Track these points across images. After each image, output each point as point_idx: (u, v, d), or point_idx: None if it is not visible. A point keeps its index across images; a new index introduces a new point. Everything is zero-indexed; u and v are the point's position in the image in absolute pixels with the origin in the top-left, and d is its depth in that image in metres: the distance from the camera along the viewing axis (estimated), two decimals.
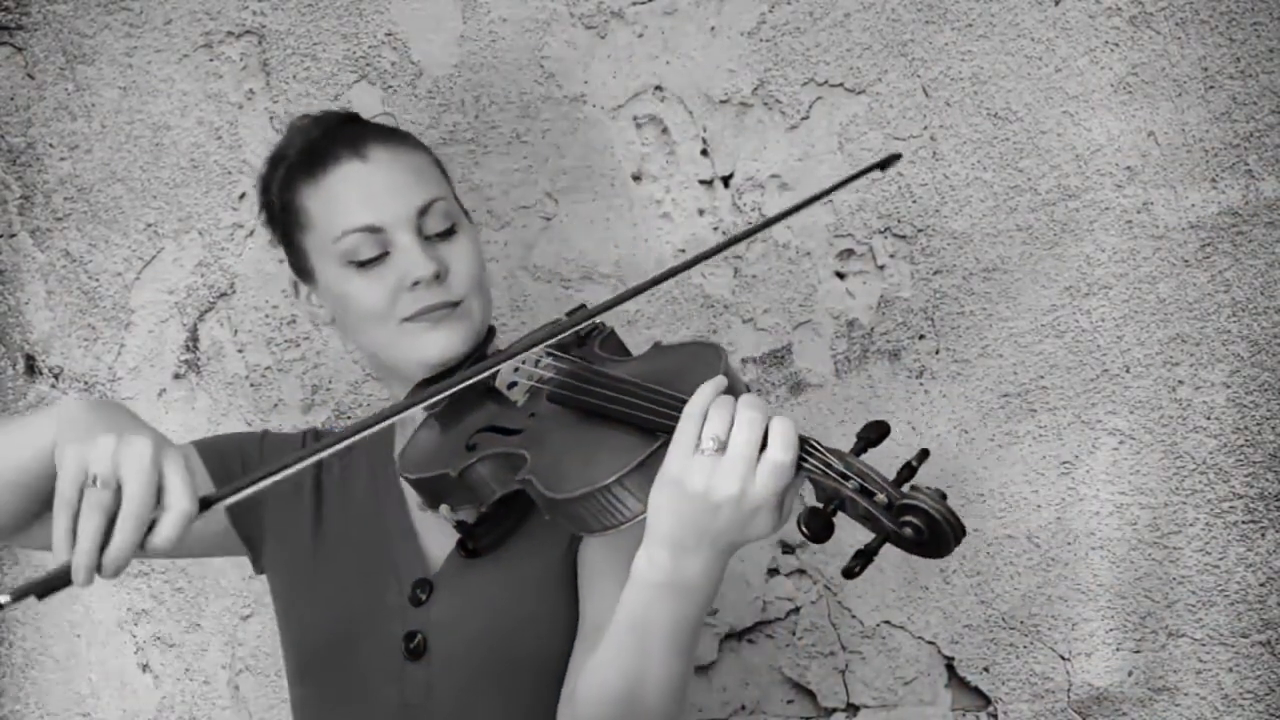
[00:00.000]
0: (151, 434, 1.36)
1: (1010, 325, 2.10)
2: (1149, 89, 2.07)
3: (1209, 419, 2.06)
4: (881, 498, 1.29)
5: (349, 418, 2.23)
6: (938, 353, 2.12)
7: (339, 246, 1.68)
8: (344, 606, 1.70)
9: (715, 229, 2.16)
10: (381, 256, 1.68)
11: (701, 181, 2.17)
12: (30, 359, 2.32)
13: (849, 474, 1.31)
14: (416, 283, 1.66)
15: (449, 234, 1.71)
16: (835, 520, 1.30)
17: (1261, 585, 2.06)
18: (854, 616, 2.13)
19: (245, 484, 1.37)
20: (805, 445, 1.34)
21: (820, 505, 1.31)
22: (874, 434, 1.35)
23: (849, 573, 1.29)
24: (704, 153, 2.17)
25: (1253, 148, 2.05)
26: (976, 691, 2.12)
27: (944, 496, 1.28)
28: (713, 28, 2.16)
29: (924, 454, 1.36)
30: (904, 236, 2.12)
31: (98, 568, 1.30)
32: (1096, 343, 2.09)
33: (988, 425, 2.11)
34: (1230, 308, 2.06)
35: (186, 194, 2.27)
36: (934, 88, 2.12)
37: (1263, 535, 2.05)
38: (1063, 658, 2.09)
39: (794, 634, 2.15)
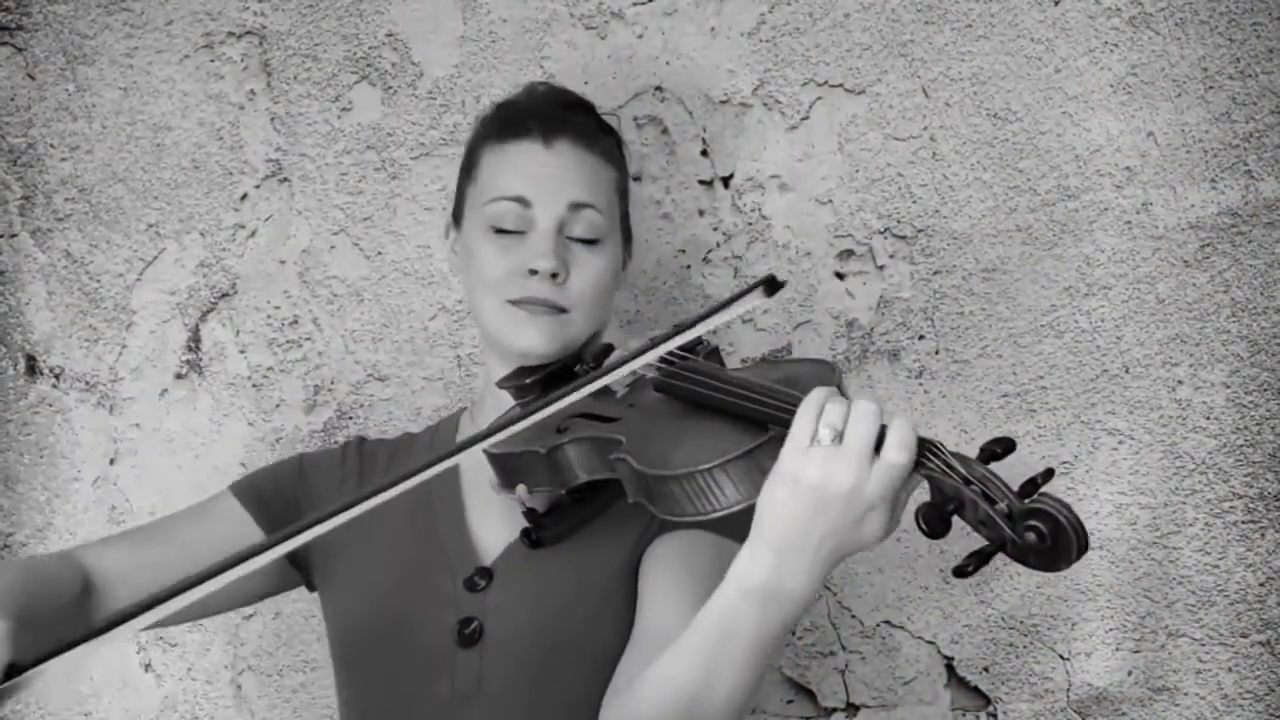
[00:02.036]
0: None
1: (1010, 325, 2.10)
2: (1149, 89, 2.07)
3: (1209, 419, 2.06)
4: (1003, 505, 1.26)
5: (351, 418, 2.23)
6: (938, 353, 2.12)
7: (489, 209, 1.74)
8: (392, 592, 1.69)
9: (715, 229, 2.16)
10: (519, 233, 1.73)
11: (701, 182, 2.17)
12: (31, 359, 2.32)
13: (972, 479, 1.28)
14: (534, 271, 1.70)
15: (591, 244, 1.75)
16: (953, 520, 1.28)
17: (1261, 585, 2.06)
18: (854, 616, 2.13)
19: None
20: (928, 448, 1.31)
21: (938, 502, 1.28)
22: (1000, 447, 1.31)
23: (961, 572, 1.25)
24: (704, 153, 2.17)
25: (1252, 148, 2.05)
26: (976, 691, 2.12)
27: (1069, 505, 1.24)
28: (713, 28, 2.16)
29: (1049, 473, 1.31)
30: (904, 237, 2.12)
31: None
32: (1096, 343, 2.09)
33: (988, 425, 2.11)
34: (1230, 308, 2.06)
35: (188, 194, 2.27)
36: (934, 88, 2.12)
37: (1263, 535, 2.05)
38: (1062, 658, 2.10)
39: (794, 633, 2.15)
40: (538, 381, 1.70)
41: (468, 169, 1.83)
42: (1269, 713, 2.05)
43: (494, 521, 1.71)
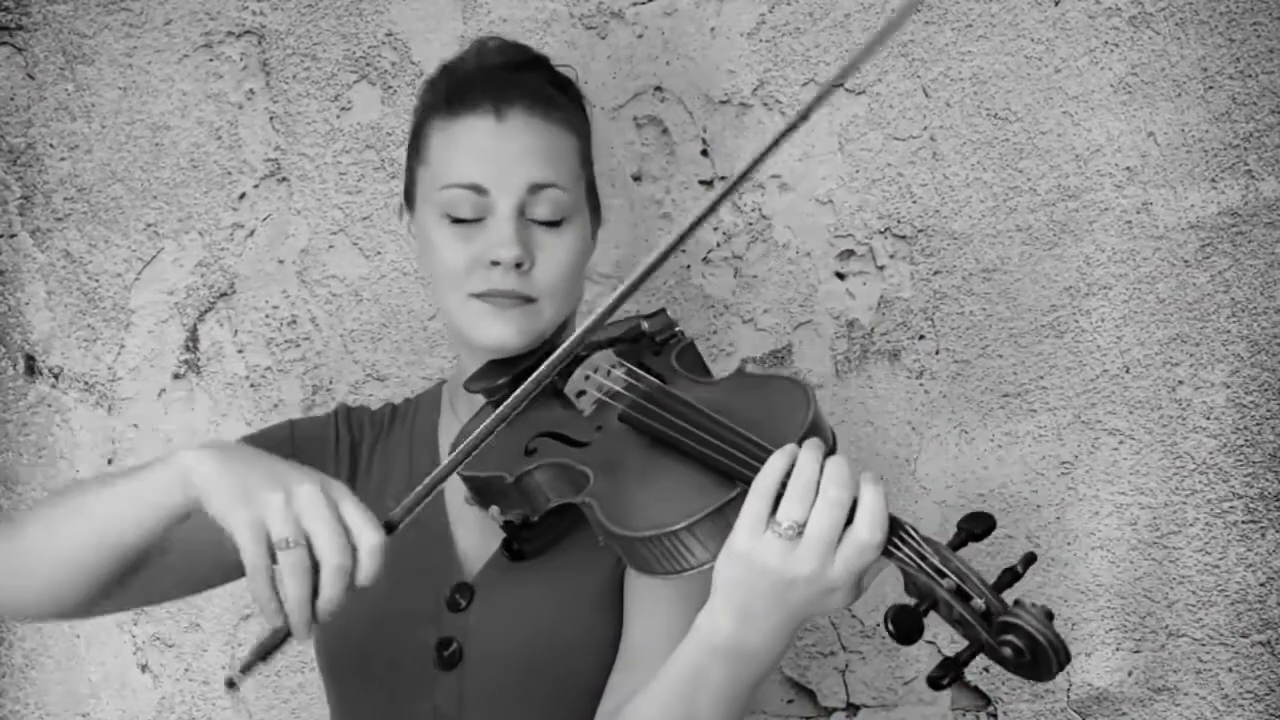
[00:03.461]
0: (307, 474, 1.33)
1: (1010, 325, 2.11)
2: (1149, 89, 2.07)
3: (1209, 419, 2.06)
4: (980, 603, 1.19)
5: None
6: (938, 353, 2.12)
7: (441, 196, 1.61)
8: (373, 607, 1.62)
9: (715, 229, 2.17)
10: (477, 221, 1.61)
11: (701, 182, 2.17)
12: (30, 359, 2.32)
13: (945, 571, 1.20)
14: (496, 262, 1.59)
15: (555, 225, 1.63)
16: (926, 621, 1.20)
17: (1261, 585, 2.06)
18: (854, 616, 2.13)
19: (421, 494, 1.34)
20: (898, 531, 1.24)
21: (912, 603, 1.21)
22: (978, 527, 1.23)
23: (935, 683, 1.20)
24: (704, 153, 2.17)
25: (1253, 148, 2.05)
26: (976, 691, 2.12)
27: (1050, 616, 1.18)
28: (713, 28, 2.16)
29: (1030, 558, 1.24)
30: (904, 237, 2.12)
31: (313, 619, 1.28)
32: (1096, 343, 2.09)
33: (988, 425, 2.11)
34: (1230, 308, 2.06)
35: (186, 194, 2.27)
36: (934, 88, 2.12)
37: (1263, 535, 2.06)
38: None
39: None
40: (508, 381, 1.60)
41: (416, 146, 1.69)
42: (1269, 713, 2.05)
43: (476, 528, 1.65)
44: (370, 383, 2.23)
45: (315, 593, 1.29)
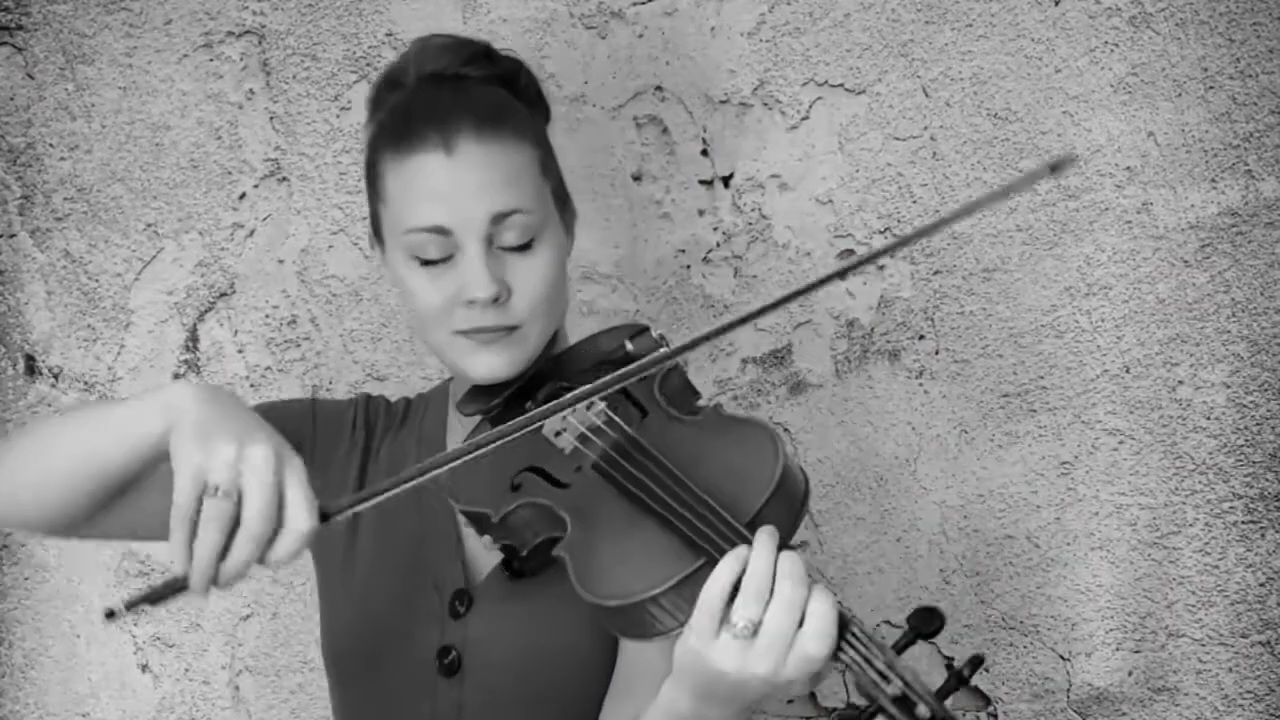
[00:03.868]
0: (272, 441, 1.31)
1: (1010, 325, 2.11)
2: (1149, 89, 2.07)
3: (1209, 419, 2.06)
4: (924, 710, 1.21)
5: None
6: (938, 353, 2.12)
7: (407, 240, 1.57)
8: (378, 609, 1.63)
9: (715, 229, 2.16)
10: (446, 259, 1.57)
11: (701, 182, 2.17)
12: (30, 359, 2.32)
13: (889, 676, 1.23)
14: (473, 301, 1.56)
15: (525, 248, 1.57)
16: None
17: (1261, 585, 2.06)
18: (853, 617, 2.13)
19: (367, 495, 1.33)
20: (846, 632, 1.26)
21: (859, 707, 1.24)
22: (926, 626, 1.26)
23: None
24: (704, 153, 2.17)
25: (1253, 148, 2.05)
26: (976, 691, 2.12)
27: (995, 717, 1.20)
28: (713, 28, 2.16)
29: (977, 661, 1.26)
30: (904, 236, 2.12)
31: (214, 579, 1.27)
32: (1096, 343, 2.09)
33: (988, 425, 2.11)
34: (1230, 308, 2.06)
35: (186, 194, 2.27)
36: (934, 88, 2.12)
37: (1263, 535, 2.06)
38: (1063, 658, 2.10)
39: None
40: (501, 402, 1.60)
41: (372, 181, 1.63)
42: (1269, 713, 2.05)
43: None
44: (370, 383, 2.23)
45: (225, 554, 1.27)
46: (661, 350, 1.47)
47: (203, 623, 2.26)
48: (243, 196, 2.26)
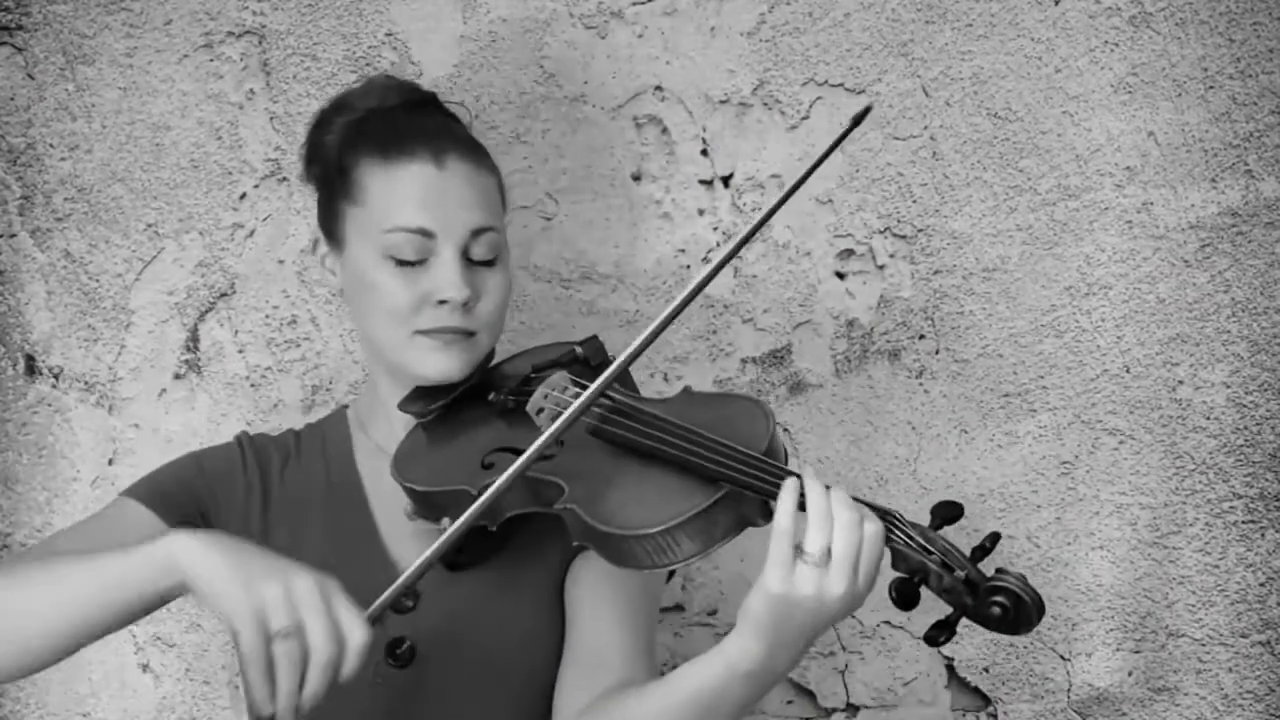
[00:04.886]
0: (302, 570, 1.36)
1: (1010, 325, 2.10)
2: (1149, 89, 2.07)
3: (1209, 419, 2.06)
4: (961, 573, 1.36)
5: None
6: (938, 353, 2.12)
7: (386, 239, 1.68)
8: None
9: (715, 229, 2.16)
10: (421, 262, 1.68)
11: (701, 181, 2.17)
12: (30, 359, 2.32)
13: (931, 549, 1.38)
14: (443, 301, 1.67)
15: (490, 264, 1.71)
16: (920, 591, 1.38)
17: (1261, 585, 2.06)
18: (854, 616, 2.13)
19: (401, 585, 1.40)
20: (890, 522, 1.39)
21: (907, 576, 1.38)
22: (949, 512, 1.41)
23: (933, 641, 1.37)
24: (704, 153, 2.17)
25: (1253, 148, 2.05)
26: (976, 692, 2.12)
27: (1025, 579, 1.35)
28: (713, 28, 2.16)
29: (995, 537, 1.41)
30: (904, 236, 2.12)
31: (298, 711, 1.32)
32: (1096, 343, 2.09)
33: (988, 425, 2.11)
34: (1230, 308, 2.06)
35: (186, 194, 2.27)
36: (934, 88, 2.12)
37: (1263, 535, 2.05)
38: (1063, 658, 2.09)
39: None
40: (443, 405, 1.70)
41: (347, 188, 1.74)
42: (1269, 713, 2.05)
43: (408, 542, 1.71)
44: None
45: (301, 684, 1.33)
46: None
47: (203, 623, 2.26)
48: (243, 197, 2.26)
